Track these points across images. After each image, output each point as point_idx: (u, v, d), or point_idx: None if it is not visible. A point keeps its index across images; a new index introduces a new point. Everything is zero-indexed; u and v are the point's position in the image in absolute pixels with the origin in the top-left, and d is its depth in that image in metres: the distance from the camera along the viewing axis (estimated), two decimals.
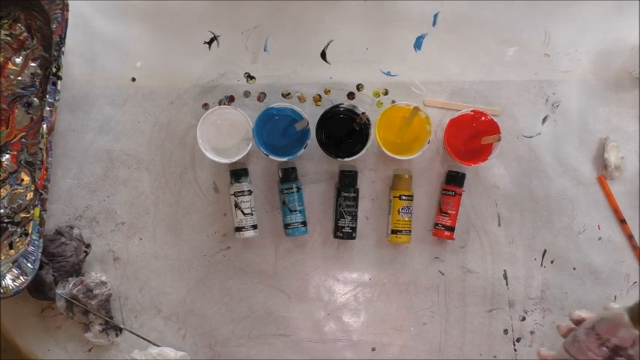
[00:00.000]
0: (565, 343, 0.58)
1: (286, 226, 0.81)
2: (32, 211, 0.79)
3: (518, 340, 0.84)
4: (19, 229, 0.80)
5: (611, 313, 0.55)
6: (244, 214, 0.80)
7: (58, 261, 0.80)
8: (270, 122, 0.80)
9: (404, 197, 0.81)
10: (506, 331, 0.84)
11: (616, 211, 0.84)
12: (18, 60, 0.82)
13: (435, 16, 0.84)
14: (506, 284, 0.84)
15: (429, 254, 0.84)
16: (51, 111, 0.77)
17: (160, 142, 0.84)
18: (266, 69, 0.84)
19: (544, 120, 0.84)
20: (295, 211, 0.80)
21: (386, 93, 0.84)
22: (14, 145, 0.82)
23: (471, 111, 0.79)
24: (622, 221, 0.83)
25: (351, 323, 0.84)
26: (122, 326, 0.83)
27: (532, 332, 0.84)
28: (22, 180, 0.82)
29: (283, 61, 0.84)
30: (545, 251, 0.84)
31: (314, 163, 0.83)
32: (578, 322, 0.59)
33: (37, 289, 0.79)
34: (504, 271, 0.84)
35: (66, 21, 0.78)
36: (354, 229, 0.81)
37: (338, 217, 0.81)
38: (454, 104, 0.83)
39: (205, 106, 0.84)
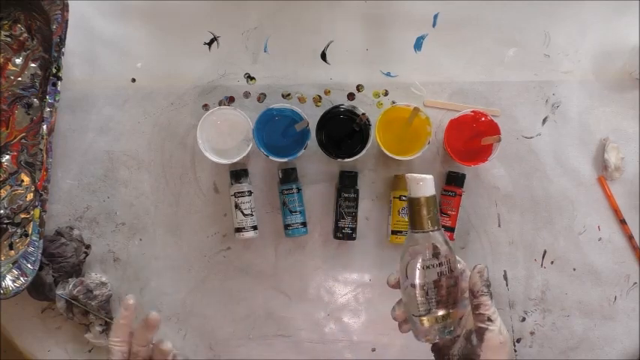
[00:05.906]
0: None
1: (286, 226, 0.81)
2: (32, 212, 0.79)
3: (518, 340, 0.84)
4: (19, 230, 0.80)
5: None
6: (244, 214, 0.80)
7: (58, 262, 0.80)
8: (270, 123, 0.80)
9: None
10: None
11: (616, 212, 0.84)
12: (18, 61, 0.82)
13: (435, 16, 0.84)
14: (507, 285, 0.84)
15: None
16: (51, 112, 0.77)
17: (160, 143, 0.84)
18: (266, 70, 0.84)
19: (544, 121, 0.84)
20: (295, 211, 0.80)
21: (386, 94, 0.84)
22: (14, 145, 0.82)
23: (471, 112, 0.79)
24: (622, 222, 0.83)
25: (352, 324, 0.84)
26: None
27: (532, 333, 0.84)
28: (22, 181, 0.82)
29: (283, 61, 0.84)
30: (545, 252, 0.84)
31: (314, 164, 0.83)
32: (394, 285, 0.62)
33: (37, 290, 0.79)
34: (504, 271, 0.84)
35: (66, 22, 0.78)
36: (354, 229, 0.81)
37: (338, 218, 0.81)
38: (454, 105, 0.83)
39: (205, 106, 0.84)
